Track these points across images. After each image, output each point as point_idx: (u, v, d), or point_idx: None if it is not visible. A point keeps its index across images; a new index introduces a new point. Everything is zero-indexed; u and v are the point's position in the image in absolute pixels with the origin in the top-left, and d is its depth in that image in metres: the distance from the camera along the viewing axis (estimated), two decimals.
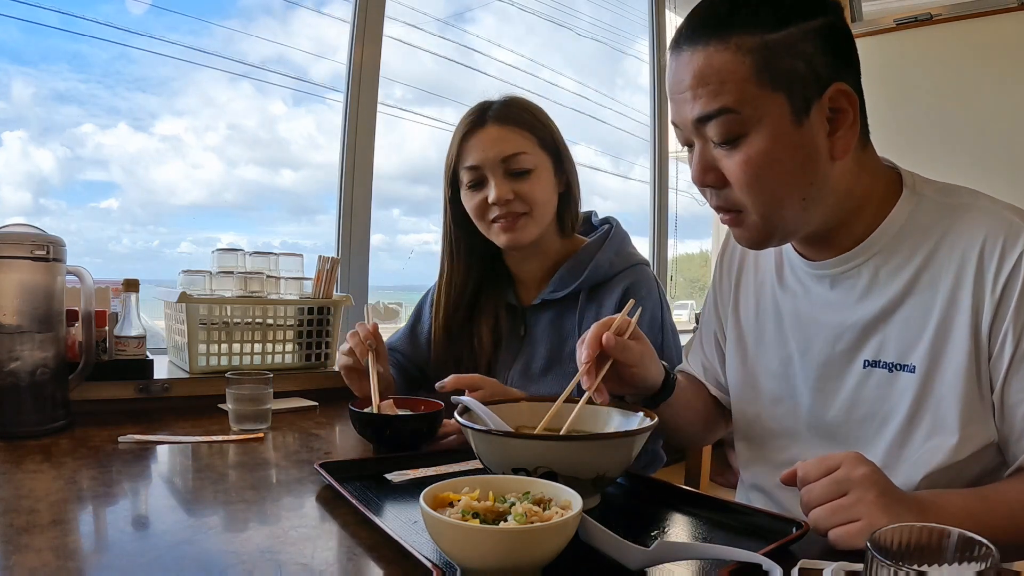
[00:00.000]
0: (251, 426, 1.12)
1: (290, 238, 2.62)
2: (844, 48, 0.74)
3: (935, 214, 0.78)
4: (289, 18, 2.22)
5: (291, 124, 2.38)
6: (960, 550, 0.45)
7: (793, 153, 0.73)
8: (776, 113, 0.72)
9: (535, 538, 0.54)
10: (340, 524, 0.71)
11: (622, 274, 1.25)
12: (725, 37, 0.71)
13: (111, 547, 0.65)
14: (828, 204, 0.78)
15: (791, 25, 0.71)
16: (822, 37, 0.72)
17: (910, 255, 0.78)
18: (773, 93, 0.71)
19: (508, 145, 1.20)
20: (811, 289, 0.86)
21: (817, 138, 0.73)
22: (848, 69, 0.74)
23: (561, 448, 0.70)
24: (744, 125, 0.72)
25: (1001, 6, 2.60)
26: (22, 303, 1.02)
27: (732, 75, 0.71)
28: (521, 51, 2.88)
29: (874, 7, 2.90)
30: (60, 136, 1.84)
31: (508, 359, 1.32)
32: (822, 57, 0.72)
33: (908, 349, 0.78)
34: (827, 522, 0.64)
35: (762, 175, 0.74)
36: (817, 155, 0.74)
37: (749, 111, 0.72)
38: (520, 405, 0.90)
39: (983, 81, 2.65)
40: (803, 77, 0.71)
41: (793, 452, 0.89)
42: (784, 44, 0.71)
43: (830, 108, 0.73)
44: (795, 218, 0.77)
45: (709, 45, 0.72)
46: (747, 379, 0.95)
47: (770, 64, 0.71)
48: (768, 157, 0.73)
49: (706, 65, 0.72)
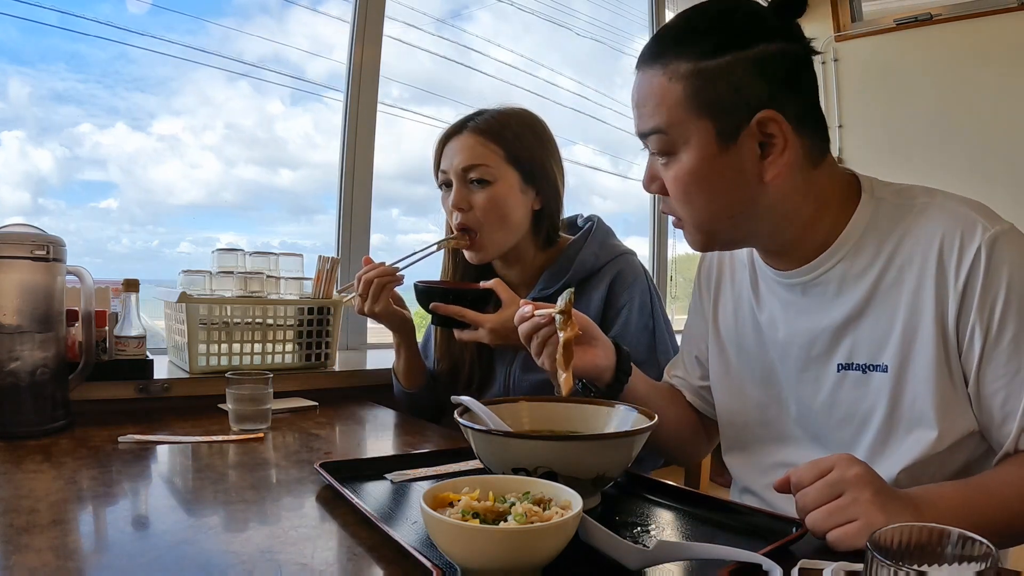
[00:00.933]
0: (251, 426, 1.12)
1: (289, 238, 2.61)
2: (785, 75, 0.76)
3: (894, 216, 0.80)
4: (285, 16, 2.22)
5: (289, 123, 2.38)
6: (960, 550, 0.45)
7: (718, 175, 0.77)
8: (702, 137, 0.76)
9: (535, 538, 0.54)
10: (340, 524, 0.71)
11: (608, 266, 1.27)
12: (664, 63, 0.77)
13: (111, 547, 0.65)
14: (767, 222, 0.81)
15: (727, 54, 0.74)
16: (758, 65, 0.74)
17: (873, 257, 0.80)
18: (700, 118, 0.76)
19: (471, 155, 1.23)
20: (784, 297, 0.88)
21: (745, 162, 0.76)
22: (787, 95, 0.76)
23: (561, 448, 0.70)
24: (673, 145, 0.78)
25: (1001, 6, 2.60)
26: (22, 303, 1.02)
27: (664, 99, 0.77)
28: (519, 50, 2.88)
29: (874, 7, 2.90)
30: (59, 136, 1.84)
31: (507, 355, 1.32)
32: (754, 85, 0.74)
33: (879, 349, 0.79)
34: (824, 524, 0.64)
35: (689, 191, 0.79)
36: (744, 178, 0.77)
37: (676, 133, 0.77)
38: (520, 405, 0.90)
39: (983, 81, 2.65)
40: (731, 104, 0.75)
41: (782, 455, 0.90)
42: (716, 72, 0.74)
43: (762, 133, 0.76)
44: (728, 232, 0.82)
45: (651, 69, 0.78)
46: (732, 388, 0.96)
47: (700, 91, 0.75)
48: (693, 176, 0.78)
49: (646, 87, 0.79)
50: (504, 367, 1.32)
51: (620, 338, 1.19)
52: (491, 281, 1.14)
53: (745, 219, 0.80)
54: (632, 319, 1.22)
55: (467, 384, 1.34)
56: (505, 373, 1.31)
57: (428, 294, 1.16)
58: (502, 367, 1.32)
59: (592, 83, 3.14)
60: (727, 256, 1.00)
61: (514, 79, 2.79)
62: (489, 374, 1.34)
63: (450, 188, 1.26)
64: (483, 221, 1.23)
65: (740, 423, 0.95)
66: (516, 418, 0.87)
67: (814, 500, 0.66)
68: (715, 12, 0.78)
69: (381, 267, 1.24)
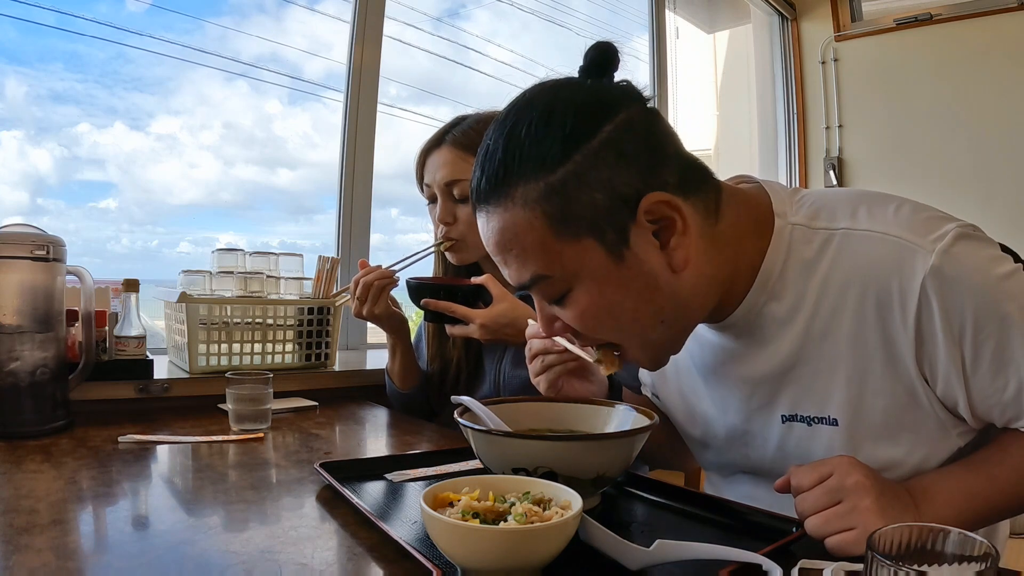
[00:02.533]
0: (251, 426, 1.12)
1: (288, 238, 2.62)
2: (645, 145, 0.65)
3: (815, 246, 0.71)
4: (283, 15, 2.22)
5: (287, 123, 2.38)
6: (960, 550, 0.45)
7: (625, 291, 0.67)
8: (591, 259, 0.65)
9: (535, 538, 0.54)
10: (340, 524, 0.71)
11: None
12: (509, 194, 0.64)
13: (111, 547, 0.65)
14: (695, 306, 0.71)
15: (574, 153, 0.63)
16: (614, 150, 0.63)
17: (799, 297, 0.72)
18: (579, 241, 0.64)
19: (453, 170, 1.23)
20: (718, 345, 0.80)
21: (649, 262, 0.66)
22: (658, 166, 0.65)
23: (561, 448, 0.70)
24: (562, 284, 0.67)
25: (1001, 6, 2.60)
26: (22, 303, 1.02)
27: (528, 237, 0.65)
28: (517, 49, 2.88)
29: (874, 7, 2.91)
30: (57, 136, 1.84)
31: (497, 351, 1.32)
32: (622, 173, 0.63)
33: (824, 401, 0.73)
34: (823, 530, 0.63)
35: (602, 321, 0.69)
36: (654, 278, 0.67)
37: (560, 271, 0.66)
38: (520, 405, 0.90)
39: (983, 81, 2.65)
40: (606, 208, 0.63)
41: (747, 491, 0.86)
42: (571, 180, 0.63)
43: (651, 222, 0.65)
44: (664, 337, 0.72)
45: (495, 207, 0.66)
46: (687, 431, 0.92)
47: (565, 207, 0.63)
48: (601, 303, 0.67)
49: (499, 231, 0.66)
50: (493, 363, 1.32)
51: None
52: (482, 277, 1.14)
53: (673, 317, 0.70)
54: None
55: (455, 382, 1.35)
56: (495, 370, 1.31)
57: (419, 290, 1.16)
58: (491, 363, 1.32)
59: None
60: None
61: (512, 78, 2.79)
62: (478, 371, 1.34)
63: (435, 201, 1.28)
64: (467, 233, 1.25)
65: (703, 458, 0.93)
66: (516, 418, 0.87)
67: (813, 506, 0.64)
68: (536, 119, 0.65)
69: (378, 270, 1.25)
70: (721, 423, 0.84)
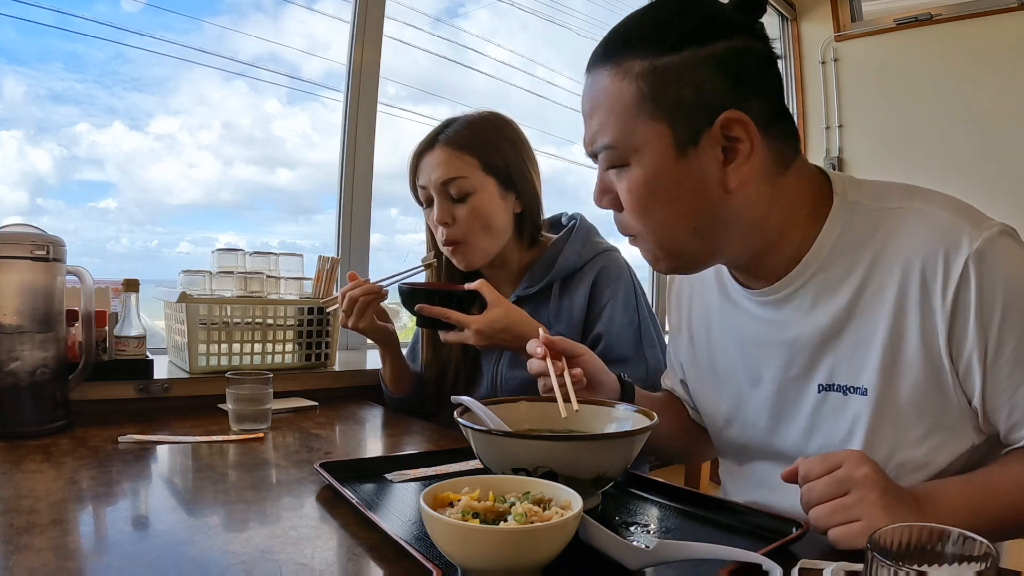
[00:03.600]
0: (251, 426, 1.12)
1: (288, 238, 2.62)
2: (749, 75, 0.70)
3: (870, 223, 0.75)
4: (281, 14, 2.22)
5: (285, 122, 2.38)
6: (960, 550, 0.45)
7: (676, 184, 0.71)
8: (657, 144, 0.70)
9: (535, 538, 0.54)
10: (340, 524, 0.71)
11: (591, 262, 1.28)
12: (615, 62, 0.71)
13: (111, 547, 0.65)
14: (734, 236, 0.75)
15: (685, 49, 0.69)
16: (719, 63, 0.69)
17: (849, 270, 0.75)
18: (656, 123, 0.70)
19: (448, 169, 1.23)
20: (757, 315, 0.83)
21: (706, 169, 0.71)
22: (752, 96, 0.70)
23: (561, 448, 0.70)
24: (626, 153, 0.72)
25: (1001, 6, 2.60)
26: (22, 303, 1.02)
27: (616, 102, 0.71)
28: (516, 49, 2.88)
29: (874, 7, 2.90)
30: (56, 135, 1.84)
31: (493, 353, 1.32)
32: (716, 84, 0.69)
33: (859, 371, 0.75)
34: (827, 521, 0.64)
35: (645, 204, 0.73)
36: (706, 186, 0.71)
37: (626, 146, 0.71)
38: (520, 405, 0.90)
39: (983, 81, 2.65)
40: (690, 106, 0.69)
41: (764, 476, 0.88)
42: (673, 70, 0.69)
43: (724, 137, 0.70)
44: (691, 247, 0.75)
45: (600, 71, 0.72)
46: (712, 407, 0.94)
47: (655, 92, 0.69)
48: (648, 188, 0.72)
49: (598, 90, 0.73)
50: (491, 365, 1.32)
51: (606, 334, 1.21)
52: (476, 283, 1.13)
53: (709, 232, 0.74)
54: (616, 315, 1.23)
55: (453, 384, 1.35)
56: (492, 371, 1.31)
57: (413, 295, 1.15)
58: (488, 365, 1.32)
59: None
60: (696, 278, 0.95)
61: (511, 78, 2.79)
62: (476, 373, 1.35)
63: (431, 204, 1.26)
64: (468, 233, 1.24)
65: (724, 439, 0.93)
66: (516, 418, 0.87)
67: (819, 495, 0.65)
68: (671, 7, 0.72)
69: (365, 285, 1.25)
70: (754, 395, 0.85)
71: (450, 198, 1.24)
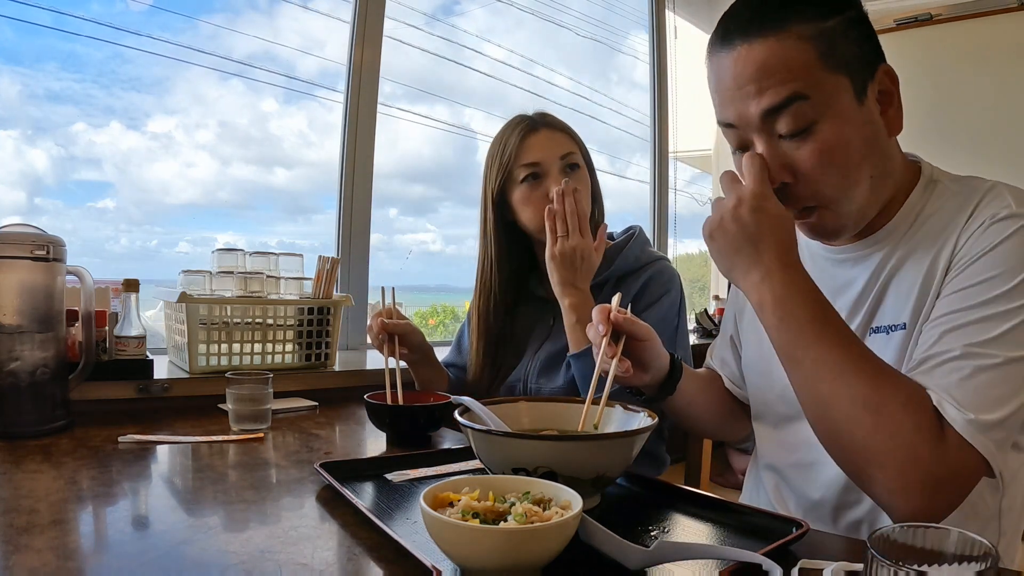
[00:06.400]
0: (251, 426, 1.12)
1: (287, 238, 2.62)
2: (875, 36, 0.79)
3: (951, 198, 0.80)
4: (275, 13, 2.22)
5: (282, 122, 2.38)
6: (960, 550, 0.45)
7: (861, 132, 0.76)
8: (843, 95, 0.75)
9: (535, 538, 0.54)
10: (340, 524, 0.71)
11: (647, 267, 1.34)
12: (784, 27, 0.74)
13: (111, 547, 0.65)
14: (890, 180, 0.81)
15: (837, 15, 0.75)
16: (860, 25, 0.76)
17: (925, 237, 0.80)
18: (838, 75, 0.74)
19: (564, 145, 1.33)
20: (829, 271, 0.88)
21: (875, 117, 0.77)
22: (882, 55, 0.79)
23: (561, 448, 0.70)
24: (815, 110, 0.74)
25: (1001, 6, 2.60)
26: (22, 303, 1.02)
27: (798, 61, 0.73)
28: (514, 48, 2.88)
29: (874, 7, 2.90)
30: (53, 135, 1.84)
31: (535, 347, 1.36)
32: (866, 42, 0.76)
33: (900, 310, 0.80)
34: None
35: (836, 159, 0.76)
36: (879, 131, 0.78)
37: (819, 96, 0.74)
38: (520, 405, 0.90)
39: (983, 81, 2.65)
40: (858, 59, 0.75)
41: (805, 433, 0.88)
42: (837, 31, 0.74)
43: (879, 90, 0.77)
44: (864, 199, 0.80)
45: (769, 37, 0.74)
46: (762, 365, 0.96)
47: (831, 48, 0.74)
48: (841, 139, 0.75)
49: (770, 55, 0.74)
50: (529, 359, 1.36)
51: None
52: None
53: (881, 178, 0.79)
54: (659, 313, 1.28)
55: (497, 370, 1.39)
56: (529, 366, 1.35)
57: (379, 412, 1.12)
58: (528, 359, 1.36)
59: (588, 81, 3.14)
60: None
61: (509, 77, 2.78)
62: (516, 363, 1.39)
63: (537, 179, 1.30)
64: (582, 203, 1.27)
65: (768, 400, 0.96)
66: (516, 418, 0.87)
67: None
68: None
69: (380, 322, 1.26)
70: None
71: (565, 171, 1.30)
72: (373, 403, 1.11)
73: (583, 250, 1.18)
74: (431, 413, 1.11)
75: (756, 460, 1.02)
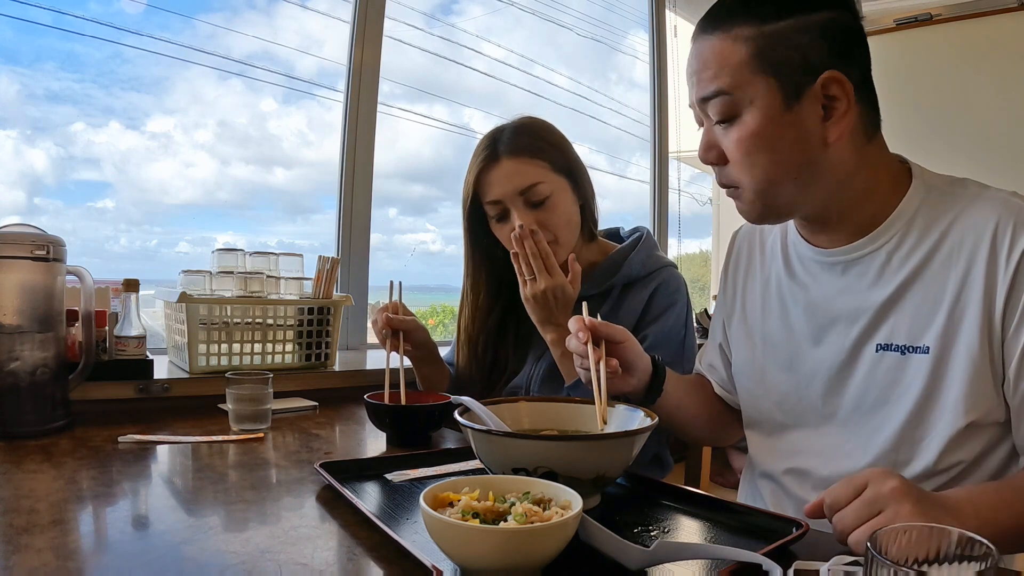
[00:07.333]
0: (251, 426, 1.12)
1: (286, 238, 2.62)
2: (846, 41, 0.78)
3: (945, 201, 0.81)
4: (273, 12, 2.22)
5: (281, 121, 2.38)
6: (960, 550, 0.45)
7: (782, 134, 0.78)
8: (766, 96, 0.77)
9: (535, 538, 0.54)
10: (340, 524, 0.71)
11: (654, 274, 1.31)
12: (728, 27, 0.78)
13: (111, 547, 0.65)
14: (824, 188, 0.81)
15: (790, 17, 0.76)
16: (821, 29, 0.76)
17: (920, 239, 0.81)
18: (765, 78, 0.77)
19: (523, 178, 1.22)
20: (821, 277, 0.89)
21: (808, 123, 0.78)
22: (847, 61, 0.77)
23: (561, 448, 0.70)
24: (737, 106, 0.78)
25: (1001, 6, 2.60)
26: (22, 303, 1.02)
27: (728, 60, 0.78)
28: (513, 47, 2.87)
29: (874, 7, 2.90)
30: (53, 135, 1.84)
31: (537, 353, 1.34)
32: (817, 48, 0.76)
33: (921, 331, 0.79)
34: None
35: (753, 153, 0.79)
36: (807, 138, 0.78)
37: (740, 94, 0.78)
38: (520, 405, 0.90)
39: (983, 81, 2.65)
40: (795, 65, 0.76)
41: (803, 442, 0.90)
42: (780, 34, 0.76)
43: (825, 95, 0.77)
44: (789, 197, 0.82)
45: (714, 35, 0.79)
46: (755, 373, 0.96)
47: (764, 52, 0.76)
48: (758, 137, 0.78)
49: (708, 52, 0.79)
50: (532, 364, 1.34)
51: (655, 339, 1.24)
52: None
53: (807, 183, 0.80)
54: (667, 324, 1.26)
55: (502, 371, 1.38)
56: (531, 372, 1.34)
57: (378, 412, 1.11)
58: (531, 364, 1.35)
59: (587, 80, 3.14)
60: (757, 239, 1.00)
61: (508, 76, 2.78)
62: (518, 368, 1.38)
63: (503, 219, 1.26)
64: (557, 233, 1.24)
65: (763, 408, 0.96)
66: (516, 418, 0.87)
67: (854, 521, 0.62)
68: None
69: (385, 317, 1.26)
70: (811, 355, 0.89)
71: (529, 205, 1.23)
72: (373, 403, 1.11)
73: (554, 288, 1.14)
74: (431, 413, 1.11)
75: (751, 468, 1.02)
